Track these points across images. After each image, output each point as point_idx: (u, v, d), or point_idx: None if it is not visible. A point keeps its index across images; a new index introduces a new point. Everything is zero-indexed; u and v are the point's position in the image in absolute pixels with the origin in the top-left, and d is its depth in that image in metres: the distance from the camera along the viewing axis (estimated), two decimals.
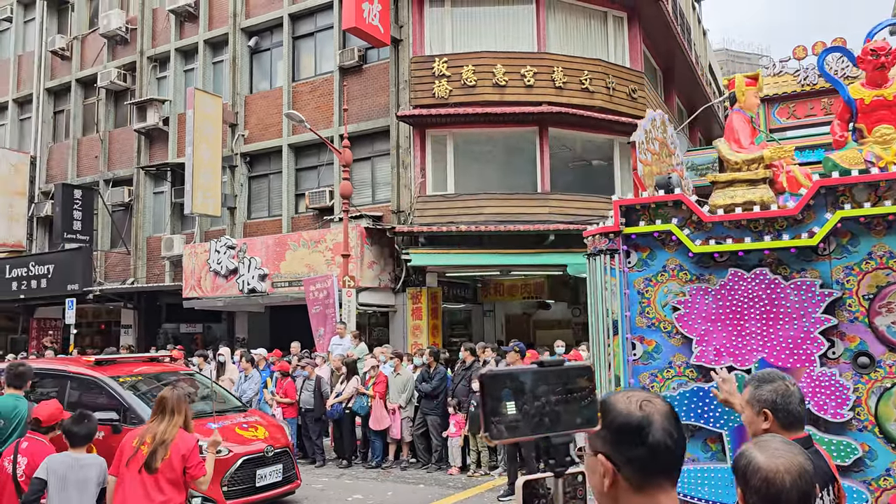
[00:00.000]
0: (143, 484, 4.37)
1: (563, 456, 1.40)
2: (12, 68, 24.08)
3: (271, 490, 7.96)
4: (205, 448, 4.87)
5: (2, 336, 24.64)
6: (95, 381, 8.21)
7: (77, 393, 8.48)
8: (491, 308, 18.96)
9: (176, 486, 4.45)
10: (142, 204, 20.20)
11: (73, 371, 8.46)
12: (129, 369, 8.69)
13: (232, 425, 8.17)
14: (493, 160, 16.31)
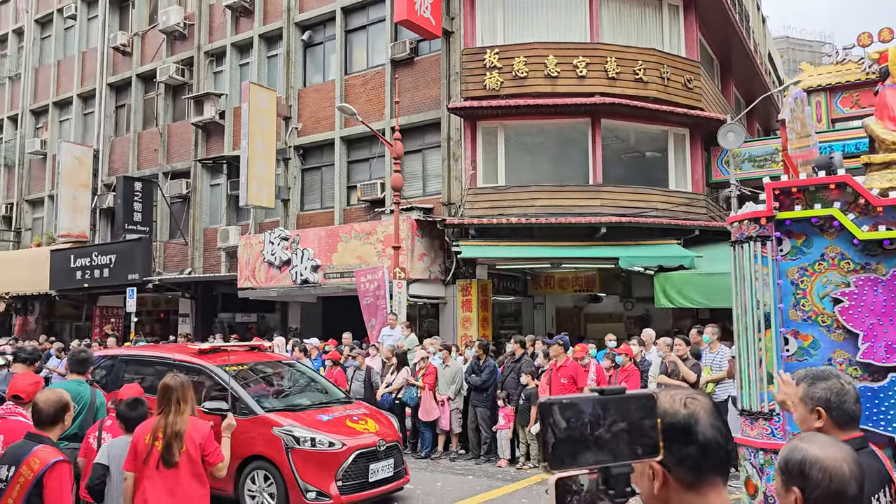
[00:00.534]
0: (163, 480, 4.24)
1: (624, 486, 1.37)
2: (76, 64, 24.91)
3: (383, 486, 7.74)
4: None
5: (67, 323, 25.62)
6: (202, 370, 8.12)
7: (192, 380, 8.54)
8: (541, 301, 18.85)
9: (198, 478, 4.35)
10: (199, 196, 20.68)
11: (178, 359, 8.34)
12: (234, 358, 8.53)
13: (342, 417, 7.97)
14: (544, 152, 16.17)
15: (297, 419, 7.59)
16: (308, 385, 9.13)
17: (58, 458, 3.75)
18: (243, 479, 7.46)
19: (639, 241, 14.40)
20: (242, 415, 7.37)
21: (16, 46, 27.71)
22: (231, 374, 8.05)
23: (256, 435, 7.39)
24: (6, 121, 27.54)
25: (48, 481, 3.64)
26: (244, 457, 7.38)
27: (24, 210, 26.33)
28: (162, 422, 4.31)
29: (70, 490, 3.81)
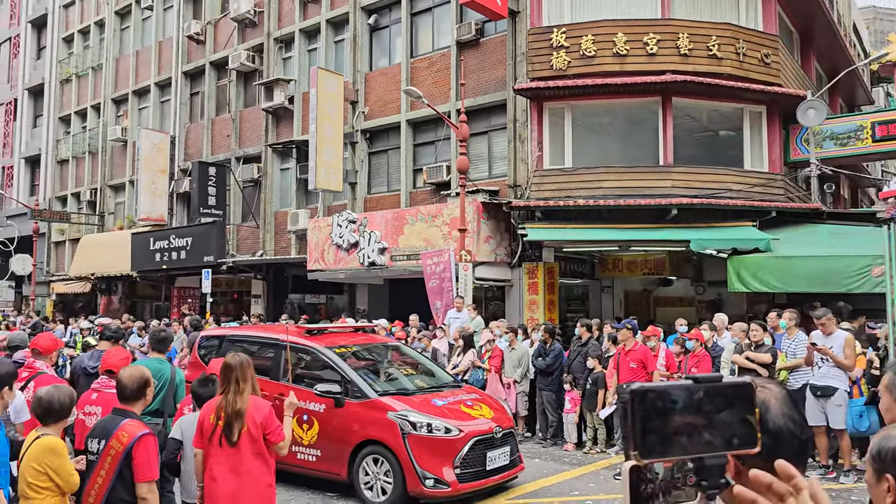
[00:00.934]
0: (227, 458, 4.31)
1: (718, 478, 1.34)
2: (153, 54, 25.76)
3: (500, 474, 7.49)
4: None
5: (147, 303, 26.75)
6: (311, 351, 8.08)
7: (294, 362, 8.29)
8: (609, 284, 18.59)
9: (260, 456, 4.36)
10: (269, 180, 21.17)
11: (286, 340, 8.14)
12: (342, 340, 8.42)
13: (457, 402, 7.72)
14: (612, 132, 15.86)
15: (410, 403, 7.42)
16: (415, 368, 8.95)
17: (144, 430, 3.96)
18: (357, 463, 7.36)
19: (711, 224, 13.99)
20: (355, 398, 7.36)
21: (98, 38, 28.85)
22: (341, 355, 7.96)
23: (370, 419, 7.29)
24: (90, 109, 28.77)
25: (136, 453, 3.84)
26: (358, 441, 7.32)
27: (107, 195, 27.53)
28: (223, 401, 4.37)
29: (156, 461, 4.01)
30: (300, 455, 7.68)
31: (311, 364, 8.20)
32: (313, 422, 7.62)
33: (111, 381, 5.27)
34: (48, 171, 30.71)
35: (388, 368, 8.75)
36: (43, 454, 3.86)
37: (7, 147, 33.56)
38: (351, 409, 7.41)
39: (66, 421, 4.17)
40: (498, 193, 15.69)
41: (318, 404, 7.60)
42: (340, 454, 7.44)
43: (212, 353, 8.71)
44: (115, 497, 3.84)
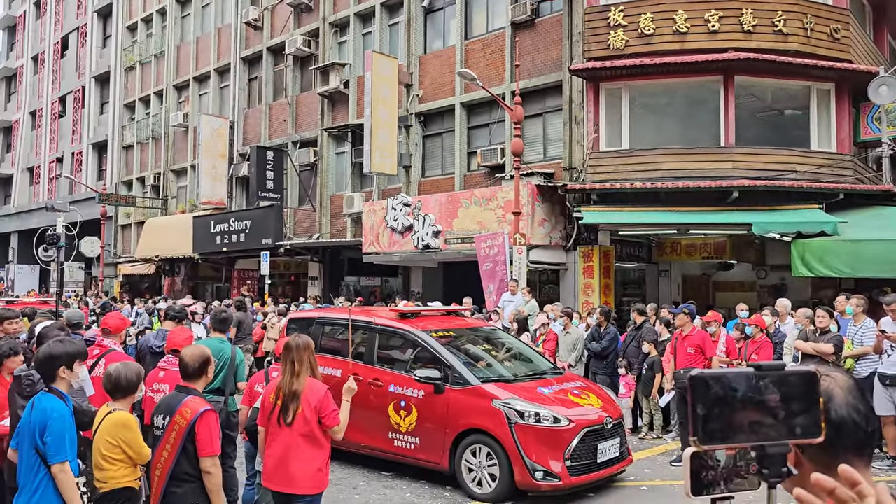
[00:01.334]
0: (282, 437, 4.39)
1: (779, 466, 1.32)
2: (213, 40, 26.27)
3: (610, 466, 7.15)
4: None
5: (209, 284, 27.51)
6: (406, 335, 7.85)
7: (387, 347, 8.10)
8: (667, 268, 18.25)
9: (313, 439, 4.38)
10: (325, 164, 21.42)
11: (379, 323, 8.07)
12: (437, 324, 8.15)
13: (563, 390, 7.36)
14: (671, 113, 15.49)
15: (515, 391, 7.08)
16: (512, 353, 8.57)
17: (206, 407, 4.09)
18: (460, 453, 7.05)
19: (775, 206, 13.57)
20: (456, 384, 7.10)
21: (160, 26, 29.57)
22: (441, 341, 7.65)
23: (473, 407, 6.98)
24: (153, 96, 29.57)
25: (199, 428, 3.97)
26: (460, 430, 7.02)
27: (170, 179, 28.32)
28: (282, 381, 4.45)
29: (218, 436, 4.14)
30: (397, 442, 7.51)
31: (407, 348, 7.94)
32: (411, 408, 7.41)
33: (176, 359, 5.45)
34: (114, 157, 31.75)
35: (485, 353, 8.39)
36: (115, 428, 4.03)
37: (76, 133, 34.80)
38: (452, 396, 7.15)
39: (134, 396, 4.34)
40: (553, 176, 15.54)
41: (417, 390, 7.38)
42: (441, 443, 7.17)
43: None
44: (180, 470, 3.98)
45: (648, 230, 15.73)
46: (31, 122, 39.25)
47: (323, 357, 8.17)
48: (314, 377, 4.53)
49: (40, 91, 38.27)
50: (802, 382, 1.30)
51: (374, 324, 8.04)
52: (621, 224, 14.71)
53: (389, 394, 7.59)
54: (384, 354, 8.01)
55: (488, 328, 9.29)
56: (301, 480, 4.39)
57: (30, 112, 39.22)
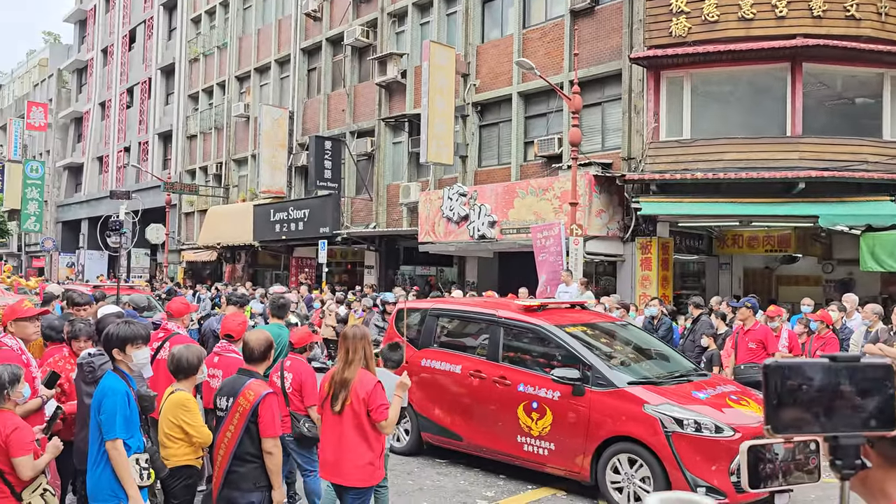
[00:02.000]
0: (334, 427, 4.41)
1: (853, 458, 1.31)
2: (274, 32, 26.73)
3: None
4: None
5: (268, 272, 28.13)
6: (536, 330, 7.20)
7: (514, 342, 7.43)
8: (727, 261, 17.84)
9: (362, 431, 4.34)
10: (382, 153, 21.61)
11: (503, 316, 7.48)
12: (566, 317, 7.49)
13: (721, 395, 6.61)
14: (734, 102, 15.09)
15: (667, 395, 6.36)
16: (649, 350, 7.80)
17: (269, 390, 4.22)
18: (604, 462, 6.38)
19: (843, 198, 13.11)
20: (598, 386, 6.42)
21: (223, 18, 30.23)
22: (574, 336, 7.02)
23: (620, 412, 6.29)
24: (216, 87, 30.29)
25: (262, 410, 4.10)
26: (605, 437, 6.34)
27: (232, 168, 29.00)
28: (335, 369, 4.50)
29: (279, 418, 4.26)
30: (528, 447, 6.87)
31: (537, 344, 7.31)
32: (545, 411, 6.74)
33: (230, 345, 5.61)
34: (179, 146, 32.68)
35: (621, 351, 7.69)
36: (176, 408, 4.19)
37: (143, 124, 35.93)
38: (594, 399, 6.45)
39: (195, 378, 4.50)
40: (611, 166, 15.33)
41: (552, 391, 6.71)
42: (581, 450, 6.50)
43: (414, 327, 8.25)
44: (243, 450, 4.11)
45: (709, 222, 15.40)
46: (101, 113, 40.69)
47: (439, 352, 7.90)
48: (368, 369, 4.47)
49: (109, 82, 39.62)
50: (878, 375, 1.29)
51: (497, 317, 7.48)
52: (681, 215, 14.43)
53: (518, 394, 6.94)
54: (510, 350, 7.36)
55: (619, 323, 8.53)
56: (350, 473, 4.38)
57: (99, 103, 40.66)
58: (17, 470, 3.89)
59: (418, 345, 7.99)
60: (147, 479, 3.98)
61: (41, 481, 4.08)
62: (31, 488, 3.99)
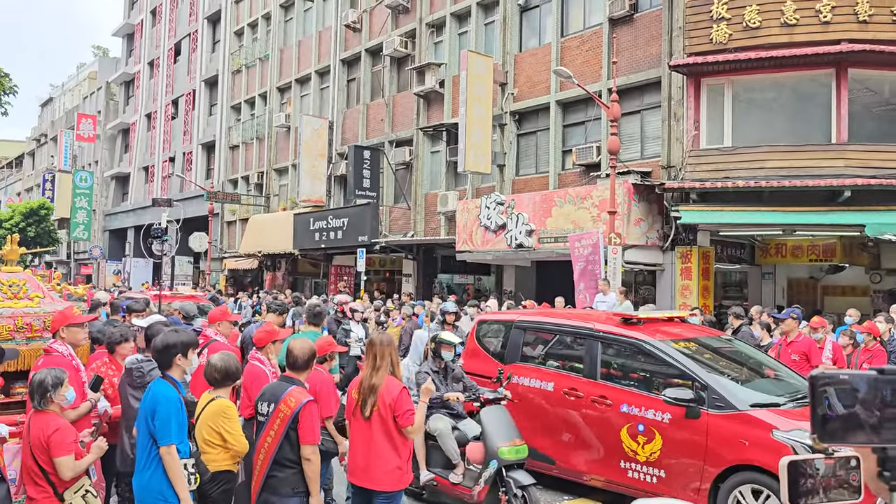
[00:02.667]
0: (362, 432, 4.48)
1: None
2: (314, 44, 27.14)
3: None
4: None
5: (308, 280, 28.46)
6: (639, 345, 6.62)
7: (614, 358, 6.91)
8: (770, 270, 17.51)
9: (389, 436, 4.41)
10: (420, 162, 21.74)
11: (602, 330, 6.92)
12: (670, 332, 6.94)
13: None
14: (777, 108, 14.84)
15: (794, 418, 5.73)
16: (762, 369, 7.15)
17: (309, 398, 4.30)
18: (724, 493, 5.77)
19: (891, 206, 12.77)
20: (716, 408, 5.85)
21: (265, 30, 30.81)
22: (683, 352, 6.47)
23: (742, 438, 5.71)
24: (257, 98, 30.85)
25: (302, 417, 4.18)
26: (726, 466, 5.76)
27: (273, 178, 29.47)
28: (363, 376, 4.59)
29: (319, 424, 4.34)
30: (633, 473, 6.36)
31: (639, 361, 6.79)
32: (653, 434, 6.19)
33: (257, 352, 5.72)
34: (221, 156, 33.33)
35: (734, 369, 7.05)
36: (215, 415, 4.29)
37: (187, 134, 36.74)
38: (712, 423, 5.88)
39: (234, 384, 4.60)
40: (650, 174, 15.20)
41: (660, 413, 6.18)
42: (697, 478, 5.93)
43: (497, 340, 7.86)
44: (282, 456, 4.19)
45: (751, 231, 15.15)
46: (147, 124, 41.74)
47: (527, 368, 7.36)
48: (394, 376, 4.55)
49: (155, 94, 40.63)
50: None
51: (594, 330, 6.95)
52: (722, 224, 14.22)
53: (621, 415, 6.44)
54: (610, 367, 6.86)
55: (724, 337, 7.90)
56: (380, 477, 4.45)
57: (146, 114, 41.72)
58: (57, 470, 4.03)
59: (504, 360, 7.54)
60: (194, 484, 4.09)
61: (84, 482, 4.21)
62: (73, 489, 4.12)
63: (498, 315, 8.95)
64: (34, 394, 4.16)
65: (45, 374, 4.19)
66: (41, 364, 4.95)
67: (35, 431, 4.07)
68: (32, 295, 5.92)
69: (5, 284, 5.83)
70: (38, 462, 4.04)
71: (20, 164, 63.97)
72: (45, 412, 4.13)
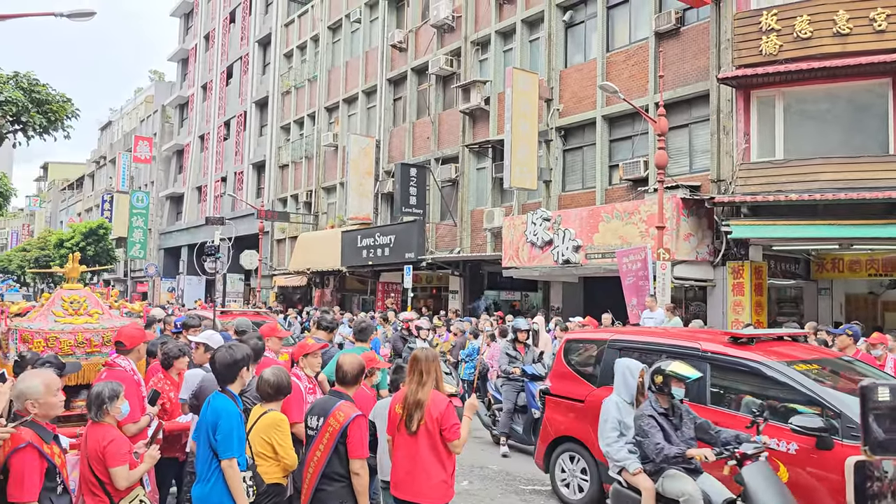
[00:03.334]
0: (407, 447, 4.46)
1: None
2: (361, 64, 27.59)
3: None
4: None
5: (355, 296, 28.73)
6: (755, 368, 6.03)
7: (725, 381, 6.36)
8: (827, 286, 17.00)
9: (436, 450, 4.41)
10: (466, 179, 21.83)
11: (710, 350, 6.38)
12: (785, 352, 6.38)
13: None
14: (830, 120, 14.49)
15: None
16: None
17: (358, 412, 4.35)
18: None
19: None
20: (851, 439, 5.17)
21: (313, 52, 31.46)
22: (807, 375, 5.89)
23: None
24: (306, 118, 31.46)
25: (351, 432, 4.24)
26: None
27: (321, 196, 29.93)
28: (408, 391, 4.57)
29: (367, 440, 4.38)
30: None
31: (754, 385, 6.20)
32: (777, 466, 5.60)
33: (294, 367, 5.80)
34: (271, 175, 34.02)
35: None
36: (268, 428, 4.37)
37: (238, 154, 37.63)
38: (847, 455, 5.16)
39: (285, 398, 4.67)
40: (699, 189, 14.97)
41: (784, 442, 5.66)
42: None
43: (589, 360, 7.55)
44: (331, 469, 4.25)
45: (806, 245, 14.78)
46: (200, 145, 42.91)
47: None
48: (438, 390, 4.57)
49: (208, 116, 41.79)
50: None
51: (701, 351, 6.42)
52: (775, 238, 13.91)
53: None
54: (720, 391, 6.33)
55: (844, 357, 7.21)
56: (426, 491, 4.45)
57: (199, 136, 42.90)
58: (113, 480, 4.15)
59: (596, 382, 7.19)
60: (252, 496, 4.17)
61: (138, 492, 4.33)
62: (128, 499, 4.24)
63: (589, 333, 8.54)
64: (91, 405, 4.30)
65: (103, 387, 4.34)
66: (104, 377, 5.12)
67: (91, 443, 4.20)
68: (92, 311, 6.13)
69: (67, 301, 6.06)
70: (94, 472, 4.17)
71: (81, 185, 66.38)
72: (101, 424, 4.27)
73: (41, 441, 3.37)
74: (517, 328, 10.39)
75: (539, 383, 9.31)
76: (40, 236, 58.05)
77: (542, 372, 9.86)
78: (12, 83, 17.49)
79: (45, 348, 5.74)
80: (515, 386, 9.98)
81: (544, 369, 10.00)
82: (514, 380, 9.98)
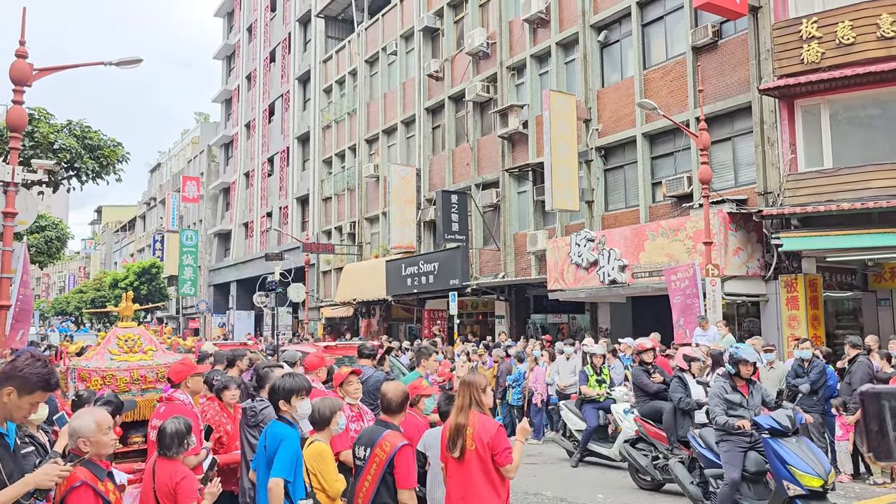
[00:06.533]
0: (458, 473, 4.38)
1: None
2: (399, 95, 27.97)
3: None
4: None
5: (402, 325, 28.80)
6: None
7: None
8: (887, 296, 16.40)
9: (488, 476, 4.33)
10: (507, 203, 21.82)
11: None
12: None
13: None
14: (880, 125, 14.10)
15: None
16: None
17: (404, 442, 4.33)
18: None
19: None
20: None
21: (351, 86, 32.03)
22: None
23: None
24: (347, 151, 31.95)
25: (398, 462, 4.22)
26: None
27: (364, 227, 30.25)
28: (453, 417, 4.53)
29: (415, 470, 4.35)
30: None
31: None
32: None
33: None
34: (315, 208, 34.55)
35: None
36: (312, 458, 4.38)
37: (283, 189, 38.36)
38: None
39: (330, 429, 4.64)
40: (746, 202, 14.68)
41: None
42: None
43: None
44: (380, 500, 4.23)
45: (861, 255, 14.31)
46: (245, 182, 43.88)
47: None
48: (484, 413, 4.48)
49: (252, 154, 42.77)
50: None
51: None
52: (828, 249, 13.53)
53: None
54: None
55: None
56: None
57: (244, 173, 43.91)
58: None
59: None
60: None
61: None
62: None
63: None
64: (170, 442, 4.34)
65: (180, 424, 4.40)
66: (163, 412, 5.20)
67: (162, 478, 4.26)
68: (146, 349, 6.28)
69: (122, 339, 6.21)
70: None
71: (133, 226, 68.43)
72: (172, 460, 4.33)
73: (95, 479, 3.43)
74: (592, 353, 9.82)
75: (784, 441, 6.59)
76: (96, 278, 59.94)
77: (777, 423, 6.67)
78: (66, 131, 18.18)
79: (102, 386, 5.88)
80: (741, 445, 6.93)
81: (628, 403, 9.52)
82: (738, 434, 6.86)
